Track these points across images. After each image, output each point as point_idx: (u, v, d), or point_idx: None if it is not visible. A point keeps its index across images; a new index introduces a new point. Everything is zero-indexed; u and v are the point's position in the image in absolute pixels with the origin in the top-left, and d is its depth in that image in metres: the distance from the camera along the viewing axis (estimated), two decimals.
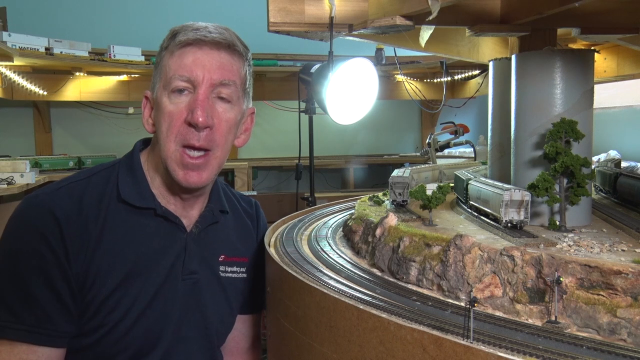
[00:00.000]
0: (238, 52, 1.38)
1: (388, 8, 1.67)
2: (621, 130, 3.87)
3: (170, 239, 1.41)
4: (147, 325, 1.35)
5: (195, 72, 1.31)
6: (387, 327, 0.90)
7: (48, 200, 1.30)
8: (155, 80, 1.39)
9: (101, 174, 1.40)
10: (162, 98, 1.34)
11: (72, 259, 1.27)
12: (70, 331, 1.29)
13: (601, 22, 1.66)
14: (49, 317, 1.26)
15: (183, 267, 1.41)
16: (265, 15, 1.85)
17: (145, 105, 1.43)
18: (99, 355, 1.33)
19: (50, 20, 4.80)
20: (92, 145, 5.01)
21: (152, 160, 1.43)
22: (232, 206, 1.59)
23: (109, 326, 1.31)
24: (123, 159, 1.46)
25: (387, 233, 1.39)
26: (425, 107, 5.18)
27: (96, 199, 1.35)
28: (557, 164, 1.32)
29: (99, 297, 1.30)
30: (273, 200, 4.84)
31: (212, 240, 1.50)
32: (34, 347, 1.26)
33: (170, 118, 1.33)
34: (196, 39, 1.32)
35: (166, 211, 1.40)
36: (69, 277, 1.27)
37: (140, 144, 1.49)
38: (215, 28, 1.36)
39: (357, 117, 2.21)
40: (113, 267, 1.31)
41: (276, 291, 1.30)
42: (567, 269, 1.03)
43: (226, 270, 1.52)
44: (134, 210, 1.37)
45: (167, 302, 1.38)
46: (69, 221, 1.28)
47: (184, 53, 1.33)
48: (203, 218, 1.47)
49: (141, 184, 1.40)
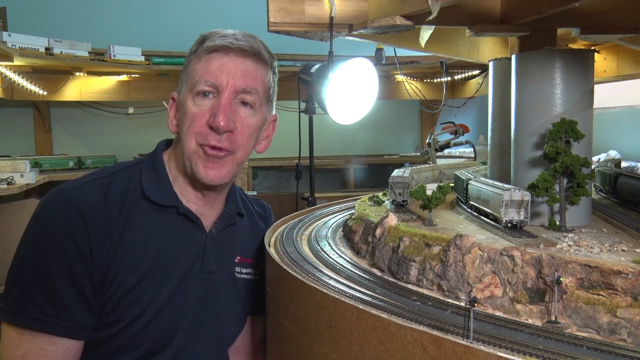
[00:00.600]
0: (263, 60, 1.42)
1: (388, 8, 1.67)
2: (621, 130, 3.87)
3: (190, 238, 1.43)
4: (163, 322, 1.37)
5: (220, 77, 1.35)
6: (387, 327, 0.90)
7: (75, 194, 1.32)
8: (182, 83, 1.43)
9: (125, 171, 1.43)
10: (187, 100, 1.39)
11: (96, 254, 1.29)
12: (89, 324, 1.31)
13: (601, 22, 1.66)
14: (69, 309, 1.28)
15: (201, 267, 1.44)
16: (265, 15, 1.85)
17: (172, 106, 1.47)
18: (115, 349, 1.35)
19: (50, 20, 4.80)
20: (92, 145, 5.02)
21: (175, 160, 1.46)
22: (247, 209, 1.63)
23: (126, 321, 1.33)
24: (146, 157, 1.49)
25: (387, 233, 1.39)
26: (425, 107, 5.18)
27: (120, 195, 1.37)
28: (557, 164, 1.32)
29: (119, 292, 1.32)
30: (273, 200, 4.84)
31: (230, 241, 1.53)
32: (55, 339, 1.28)
33: (192, 118, 1.36)
34: (223, 46, 1.36)
35: (187, 210, 1.43)
36: (92, 271, 1.29)
37: (163, 143, 1.52)
38: (242, 36, 1.40)
39: (357, 117, 2.21)
40: (134, 263, 1.34)
41: (276, 291, 1.30)
42: (567, 269, 1.03)
43: (241, 271, 1.55)
44: (156, 208, 1.39)
45: (184, 300, 1.40)
46: (95, 216, 1.31)
47: (210, 58, 1.37)
48: (221, 219, 1.50)
49: (164, 183, 1.43)
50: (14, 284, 1.29)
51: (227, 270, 1.52)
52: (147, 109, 5.03)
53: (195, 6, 5.19)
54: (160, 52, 4.55)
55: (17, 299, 1.28)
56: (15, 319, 1.27)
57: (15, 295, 1.28)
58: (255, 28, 2.29)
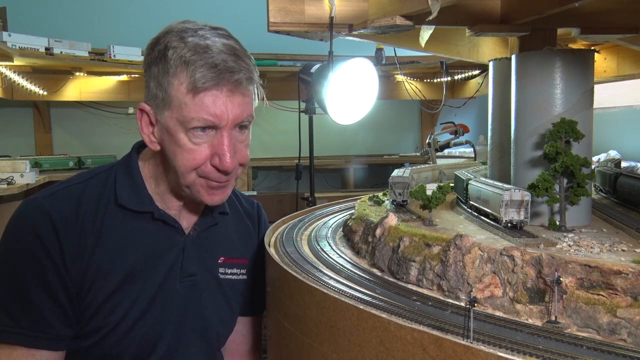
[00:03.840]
0: (254, 79, 1.33)
1: (388, 8, 1.67)
2: (621, 130, 3.87)
3: (168, 241, 1.41)
4: (146, 328, 1.35)
5: (217, 114, 1.26)
6: (387, 327, 0.90)
7: (46, 203, 1.30)
8: (158, 102, 1.30)
9: (99, 177, 1.40)
10: (177, 132, 1.28)
11: (70, 262, 1.27)
12: (68, 334, 1.29)
13: (601, 22, 1.66)
14: (46, 320, 1.26)
15: (181, 270, 1.41)
16: (265, 15, 1.85)
17: (142, 119, 1.36)
18: (99, 357, 1.33)
19: (50, 20, 4.80)
20: (92, 145, 5.01)
21: (155, 168, 1.41)
22: (232, 207, 1.59)
23: (107, 328, 1.31)
24: (121, 161, 1.45)
25: (387, 233, 1.39)
26: (425, 107, 5.18)
27: (94, 202, 1.34)
28: (557, 164, 1.32)
29: (97, 299, 1.30)
30: (273, 200, 4.84)
31: (212, 242, 1.49)
32: (33, 351, 1.26)
33: (190, 155, 1.28)
34: (217, 84, 1.25)
35: (164, 214, 1.40)
36: (66, 280, 1.27)
37: (137, 145, 1.48)
38: (233, 60, 1.26)
39: (357, 117, 2.21)
40: (111, 270, 1.32)
41: (276, 291, 1.30)
42: (567, 269, 1.03)
43: (226, 272, 1.52)
44: (131, 214, 1.36)
45: (165, 304, 1.38)
46: (66, 225, 1.28)
47: (205, 97, 1.25)
48: (202, 221, 1.47)
49: (139, 188, 1.39)
50: None
51: (211, 271, 1.49)
52: None
53: (195, 6, 5.19)
54: None
55: None
56: None
57: None
58: (255, 28, 2.30)
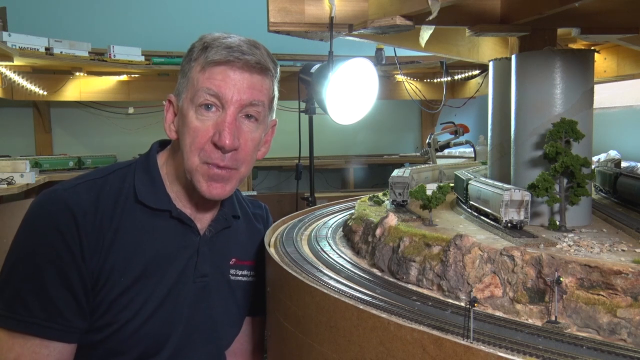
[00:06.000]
0: (269, 72, 1.37)
1: (388, 8, 1.67)
2: (621, 130, 3.87)
3: (184, 241, 1.42)
4: (156, 326, 1.36)
5: (224, 91, 1.30)
6: (387, 327, 0.90)
7: (66, 195, 1.31)
8: (181, 89, 1.37)
9: (117, 173, 1.41)
10: (188, 111, 1.33)
11: (87, 256, 1.28)
12: (82, 327, 1.30)
13: (601, 22, 1.66)
14: (61, 312, 1.27)
15: (195, 270, 1.42)
16: (265, 15, 1.85)
17: (168, 110, 1.42)
18: (108, 352, 1.34)
19: (50, 20, 4.80)
20: (92, 145, 5.02)
21: (173, 165, 1.44)
22: (243, 210, 1.61)
23: (119, 324, 1.32)
24: (139, 159, 1.47)
25: (387, 233, 1.39)
26: (425, 107, 5.19)
27: (113, 197, 1.35)
28: (557, 164, 1.32)
29: (111, 295, 1.31)
30: (273, 200, 4.84)
31: (225, 244, 1.51)
32: (47, 342, 1.27)
33: (195, 133, 1.32)
34: (228, 60, 1.31)
35: (181, 214, 1.41)
36: (84, 274, 1.28)
37: (157, 145, 1.50)
38: (248, 47, 1.33)
39: (357, 117, 2.21)
40: (127, 266, 1.33)
41: (276, 291, 1.30)
42: (567, 269, 1.03)
43: (237, 273, 1.53)
44: (149, 211, 1.38)
45: (177, 303, 1.39)
46: (86, 218, 1.29)
47: (214, 70, 1.31)
48: (216, 222, 1.49)
49: (157, 186, 1.41)
50: (6, 287, 1.28)
51: (222, 273, 1.50)
52: (147, 109, 5.03)
53: (195, 6, 5.19)
54: (160, 52, 4.55)
55: (8, 302, 1.26)
56: (6, 322, 1.26)
57: (6, 298, 1.27)
58: (255, 28, 2.29)
